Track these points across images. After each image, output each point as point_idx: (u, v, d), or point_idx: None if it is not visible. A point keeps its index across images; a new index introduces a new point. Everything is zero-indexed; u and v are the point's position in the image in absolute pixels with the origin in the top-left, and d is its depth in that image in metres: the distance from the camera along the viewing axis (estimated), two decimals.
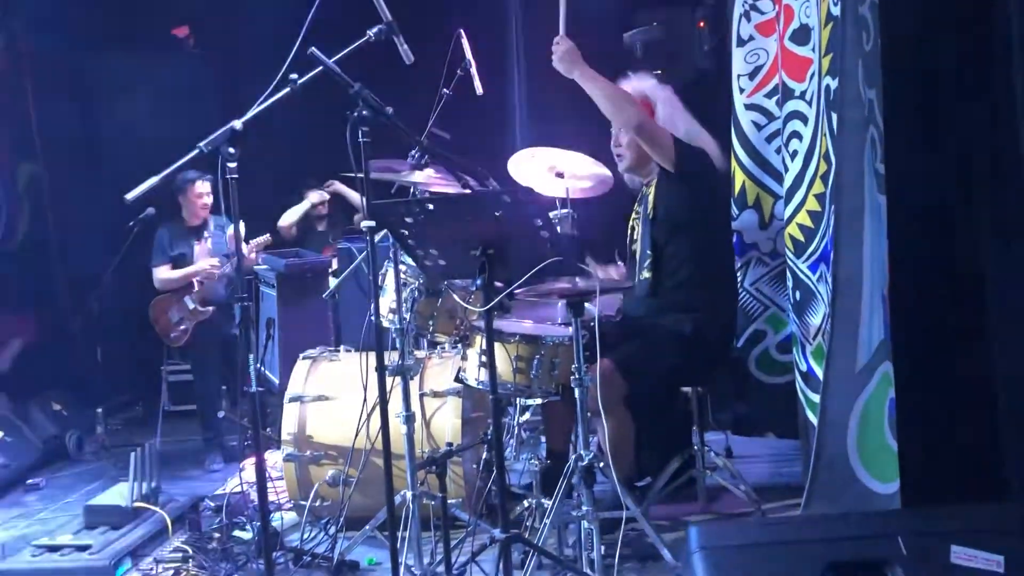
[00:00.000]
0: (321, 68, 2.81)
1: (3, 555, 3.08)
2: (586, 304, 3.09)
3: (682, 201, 3.44)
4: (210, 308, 5.10)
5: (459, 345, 3.65)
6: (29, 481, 4.79)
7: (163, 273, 5.23)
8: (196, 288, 5.12)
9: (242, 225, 2.85)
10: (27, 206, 6.02)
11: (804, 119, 3.23)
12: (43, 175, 6.15)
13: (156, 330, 5.27)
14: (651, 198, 3.52)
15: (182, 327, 5.17)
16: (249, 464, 3.43)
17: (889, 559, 2.30)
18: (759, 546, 2.38)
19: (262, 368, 5.17)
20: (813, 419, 2.96)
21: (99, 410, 5.66)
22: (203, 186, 5.16)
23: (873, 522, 2.44)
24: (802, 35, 3.22)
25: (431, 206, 3.06)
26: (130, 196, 2.73)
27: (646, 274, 3.48)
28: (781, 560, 2.35)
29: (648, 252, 3.48)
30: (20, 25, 5.91)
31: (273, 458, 4.12)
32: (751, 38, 3.87)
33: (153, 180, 2.72)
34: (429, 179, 3.48)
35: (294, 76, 2.77)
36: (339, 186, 5.99)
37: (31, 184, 6.07)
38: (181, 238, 5.24)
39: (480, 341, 3.24)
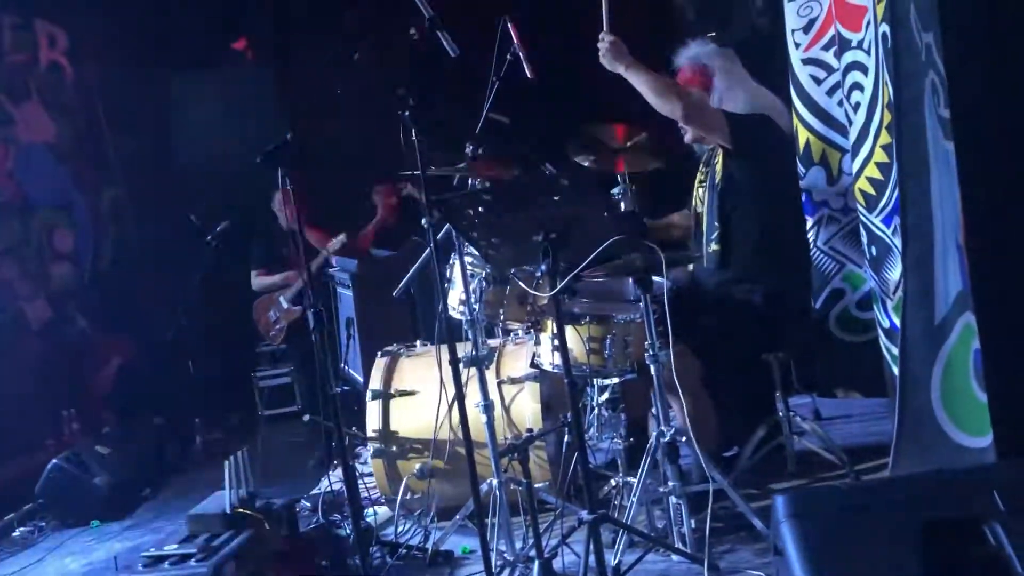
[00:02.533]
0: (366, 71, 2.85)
1: (117, 566, 3.23)
2: (654, 279, 3.07)
3: (746, 172, 3.40)
4: (299, 308, 5.34)
5: (532, 331, 3.66)
6: (137, 494, 5.02)
7: (257, 278, 5.65)
8: (289, 289, 5.42)
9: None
10: (112, 230, 6.26)
11: (864, 69, 3.12)
12: (124, 198, 6.39)
13: (259, 329, 5.68)
14: (718, 167, 3.47)
15: (278, 326, 5.56)
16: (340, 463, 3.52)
17: (987, 515, 2.23)
18: (848, 510, 2.33)
19: (346, 368, 5.30)
20: (897, 377, 2.88)
21: (197, 421, 5.89)
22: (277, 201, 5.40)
23: (967, 478, 2.37)
24: None
25: (489, 196, 3.10)
26: (209, 238, 2.83)
27: (714, 246, 3.44)
28: (872, 524, 2.30)
29: (716, 224, 3.44)
30: (87, 53, 6.12)
31: (364, 455, 4.22)
32: None
33: (226, 224, 2.82)
34: (487, 169, 3.49)
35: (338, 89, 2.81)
36: (410, 188, 6.05)
37: (114, 208, 6.31)
38: (276, 242, 5.53)
39: (551, 325, 3.25)
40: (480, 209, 2.98)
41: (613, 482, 3.38)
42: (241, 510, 3.29)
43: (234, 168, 2.88)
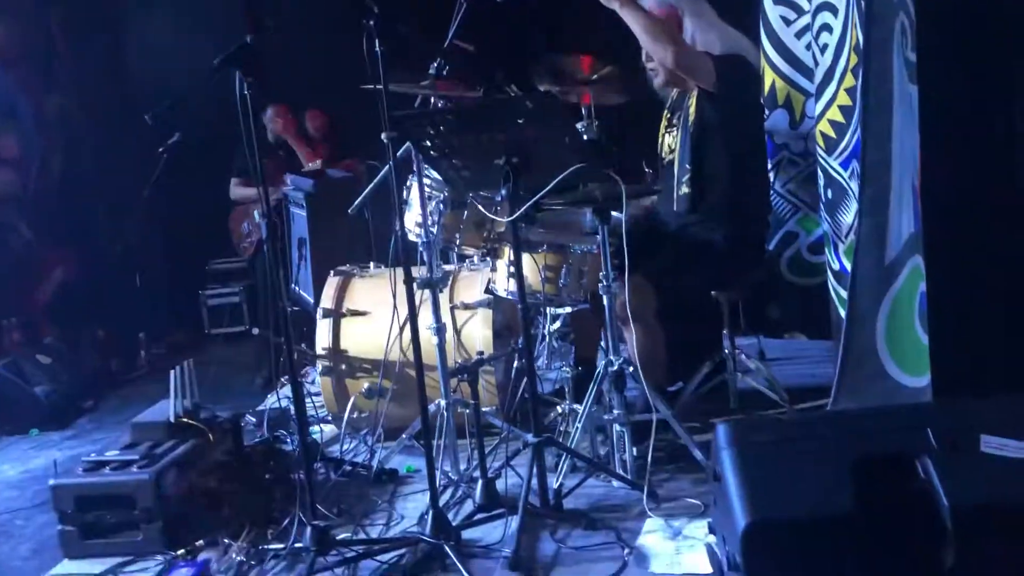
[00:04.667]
0: None
1: (56, 471, 3.20)
2: (613, 212, 3.07)
3: (724, 114, 3.37)
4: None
5: (488, 258, 3.65)
6: (79, 405, 4.97)
7: (233, 188, 5.53)
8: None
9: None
10: (60, 138, 6.07)
11: (834, 10, 3.12)
12: (73, 108, 6.18)
13: (232, 240, 5.59)
14: (692, 110, 3.43)
15: (249, 239, 5.46)
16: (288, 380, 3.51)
17: (919, 451, 2.30)
18: (787, 441, 2.38)
19: (296, 288, 5.25)
20: (844, 316, 2.93)
21: (141, 335, 5.82)
22: (270, 114, 5.34)
23: (902, 415, 2.43)
24: None
25: (452, 116, 3.05)
26: (150, 117, 2.74)
27: (685, 189, 3.42)
28: (810, 455, 2.35)
29: (687, 167, 3.41)
30: None
31: (312, 374, 4.21)
32: None
33: (168, 103, 2.73)
34: (450, 89, 3.43)
35: None
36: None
37: (63, 118, 6.10)
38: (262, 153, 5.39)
39: (508, 252, 3.24)
40: (441, 129, 2.93)
41: (559, 409, 3.41)
42: (185, 420, 3.27)
43: (192, 80, 2.78)
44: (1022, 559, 2.04)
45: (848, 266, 3.08)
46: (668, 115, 3.63)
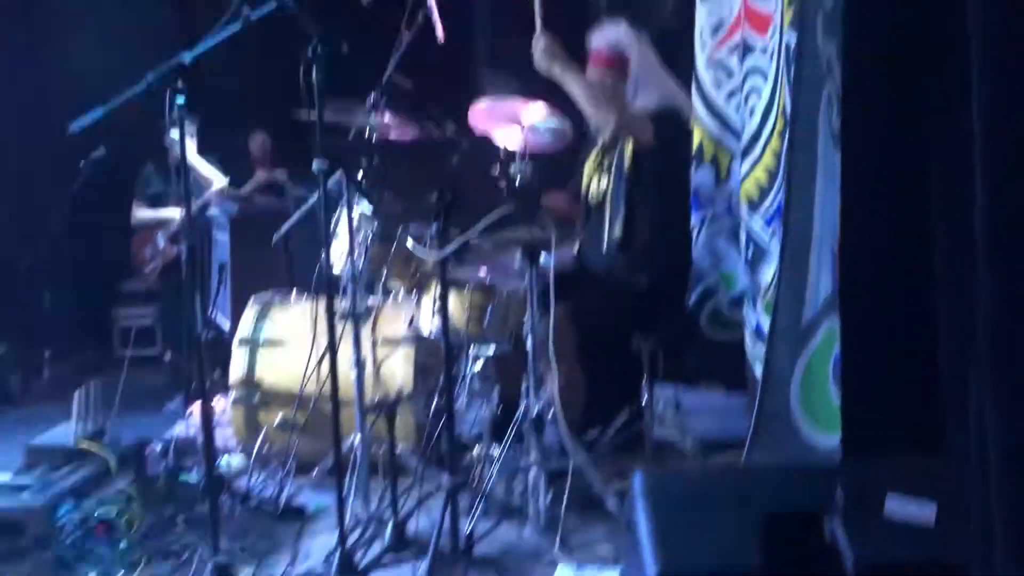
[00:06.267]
0: (275, 3, 2.74)
1: None
2: (541, 253, 3.09)
3: (658, 167, 3.45)
4: (176, 248, 5.11)
5: (413, 292, 3.63)
6: None
7: (136, 211, 5.34)
8: (169, 227, 5.18)
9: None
10: None
11: (764, 75, 3.22)
12: None
13: (135, 263, 5.38)
14: (627, 155, 3.49)
15: (153, 263, 5.26)
16: (197, 408, 3.40)
17: (826, 509, 2.34)
18: (699, 494, 2.41)
19: (213, 313, 5.13)
20: (760, 373, 2.99)
21: (46, 353, 5.59)
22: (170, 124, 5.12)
23: (812, 473, 2.49)
24: None
25: (387, 149, 3.04)
26: (74, 126, 2.65)
27: (618, 231, 3.47)
28: (721, 509, 2.38)
29: (621, 209, 3.47)
30: None
31: (222, 403, 4.09)
32: None
33: (98, 112, 2.64)
34: (387, 123, 3.42)
35: (247, 10, 2.70)
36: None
37: None
38: (162, 177, 5.24)
39: (434, 288, 3.22)
40: (376, 162, 2.93)
41: (476, 451, 3.38)
42: (86, 445, 3.14)
43: (120, 92, 2.70)
44: None
45: (765, 323, 3.15)
46: (599, 156, 3.68)
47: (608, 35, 3.56)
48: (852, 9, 2.62)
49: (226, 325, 4.94)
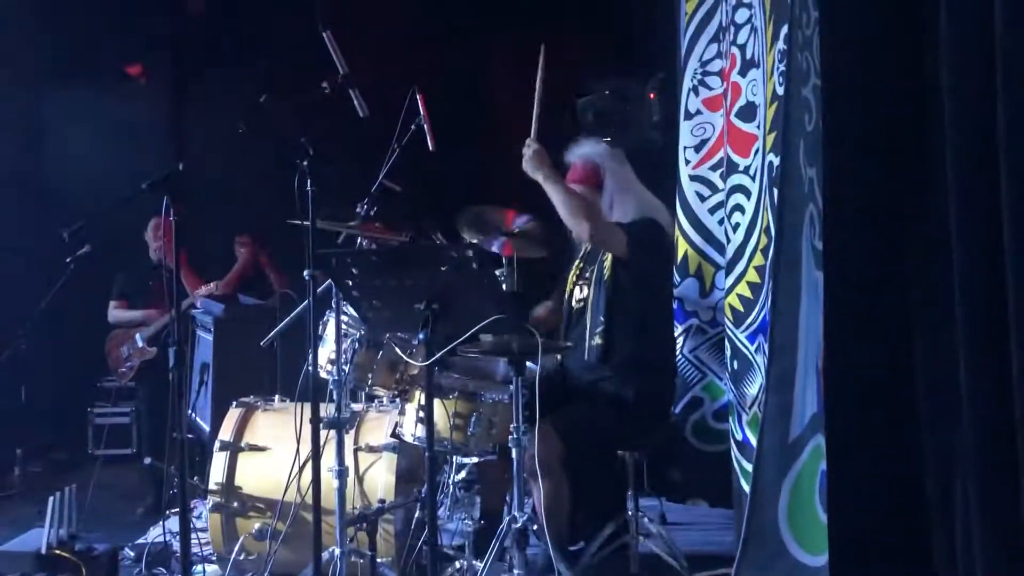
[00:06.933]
0: (272, 116, 2.81)
1: None
2: (527, 363, 3.09)
3: (634, 277, 3.50)
4: (155, 349, 5.07)
5: (397, 400, 3.61)
6: None
7: (113, 311, 5.32)
8: (148, 327, 5.17)
9: None
10: None
11: (747, 193, 3.31)
12: None
13: (109, 363, 5.31)
14: (607, 267, 3.55)
15: (129, 363, 5.19)
16: (174, 513, 3.33)
17: None
18: None
19: (193, 415, 5.06)
20: (746, 488, 2.98)
21: (18, 451, 5.47)
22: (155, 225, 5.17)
23: None
24: (748, 112, 3.32)
25: (376, 257, 3.08)
26: (67, 233, 2.68)
27: (598, 340, 3.49)
28: None
29: (601, 319, 3.50)
30: None
31: (200, 508, 4.00)
32: (699, 112, 3.99)
33: (89, 218, 2.68)
34: (376, 231, 3.47)
35: (240, 126, 2.77)
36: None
37: None
38: (139, 277, 5.25)
39: (419, 396, 3.21)
40: (364, 269, 2.95)
41: (458, 564, 3.31)
42: (59, 552, 3.05)
43: (111, 194, 2.75)
44: None
45: (751, 437, 3.15)
46: (580, 265, 3.73)
47: (583, 150, 3.66)
48: (832, 135, 2.73)
49: (206, 428, 4.87)
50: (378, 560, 3.05)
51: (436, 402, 3.10)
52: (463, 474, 3.69)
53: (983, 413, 2.46)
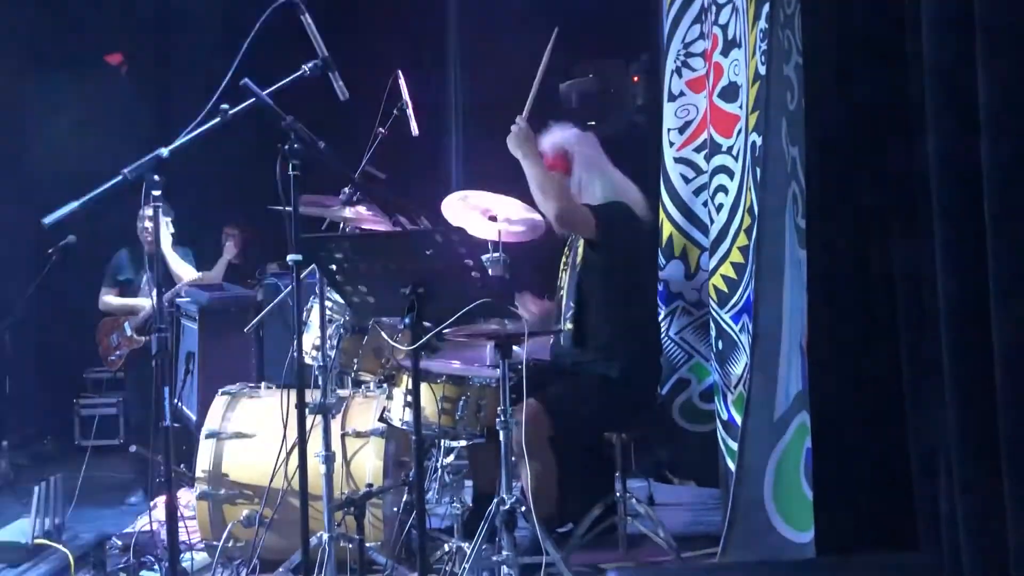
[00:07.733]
0: (253, 99, 2.79)
1: None
2: (514, 347, 3.09)
3: (604, 259, 3.50)
4: (143, 338, 5.07)
5: (384, 384, 3.60)
6: None
7: (105, 297, 5.29)
8: (137, 316, 5.15)
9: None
10: None
11: (730, 174, 3.31)
12: None
13: (99, 351, 5.29)
14: (580, 250, 3.56)
15: (118, 352, 5.19)
16: (161, 501, 3.32)
17: None
18: None
19: (179, 404, 5.04)
20: (732, 467, 2.99)
21: (4, 443, 5.45)
22: (145, 215, 5.13)
23: (787, 570, 2.47)
24: (731, 92, 3.31)
25: (361, 242, 3.06)
26: (48, 220, 2.64)
27: (569, 325, 3.52)
28: None
29: (571, 304, 3.52)
30: None
31: (187, 496, 3.99)
32: (682, 93, 3.98)
33: (73, 205, 2.64)
34: (360, 216, 3.46)
35: (225, 106, 2.74)
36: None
37: None
38: (134, 265, 5.22)
39: (406, 381, 3.21)
40: (349, 254, 2.93)
41: (447, 547, 3.32)
42: (46, 541, 3.04)
43: (93, 183, 2.71)
44: None
45: (736, 417, 3.17)
46: (566, 252, 3.74)
47: (553, 137, 3.65)
48: (814, 111, 2.73)
49: (192, 416, 4.86)
50: (367, 544, 3.05)
51: (424, 386, 3.10)
52: (451, 458, 3.70)
53: (966, 389, 2.47)
